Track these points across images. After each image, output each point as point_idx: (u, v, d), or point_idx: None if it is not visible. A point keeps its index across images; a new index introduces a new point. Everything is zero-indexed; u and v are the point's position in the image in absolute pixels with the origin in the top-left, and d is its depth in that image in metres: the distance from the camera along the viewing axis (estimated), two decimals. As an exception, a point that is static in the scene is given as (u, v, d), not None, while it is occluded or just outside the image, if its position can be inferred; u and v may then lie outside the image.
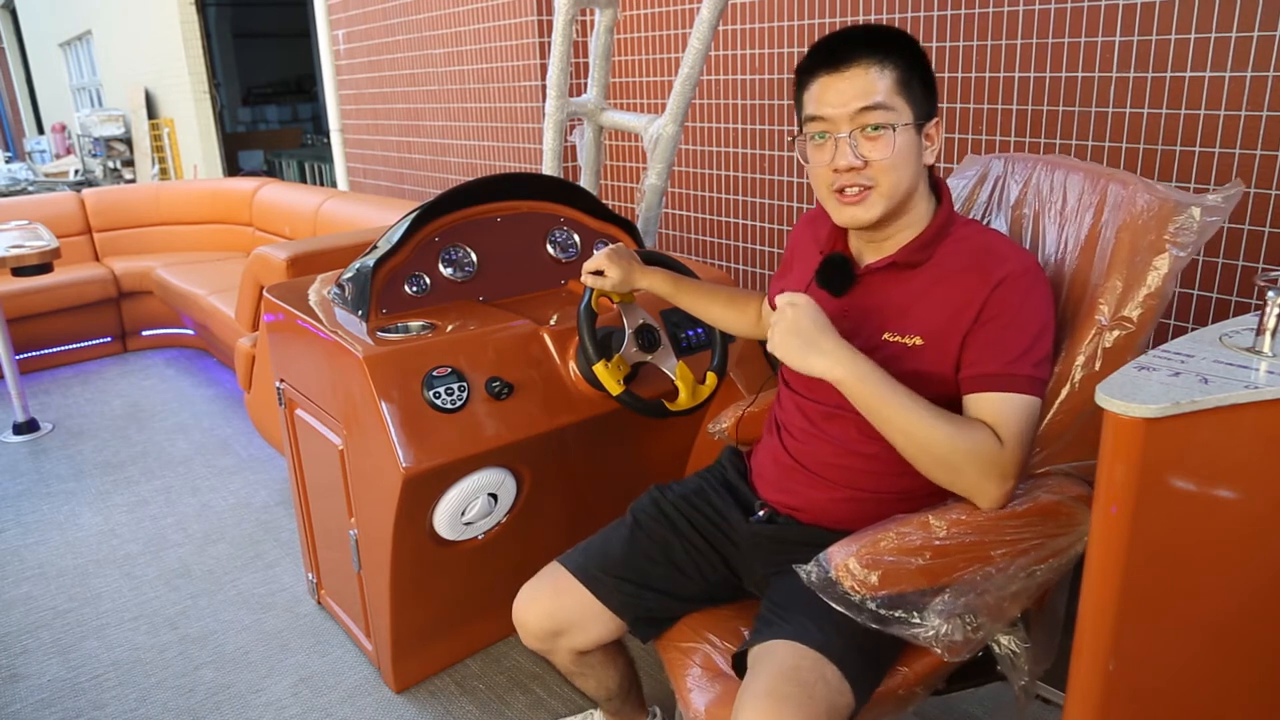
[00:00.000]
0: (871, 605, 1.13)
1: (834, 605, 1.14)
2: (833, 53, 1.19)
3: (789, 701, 1.10)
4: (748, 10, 2.79)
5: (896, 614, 1.14)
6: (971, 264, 1.21)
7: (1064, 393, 1.22)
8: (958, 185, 1.52)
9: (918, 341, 1.22)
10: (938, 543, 1.13)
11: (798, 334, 1.14)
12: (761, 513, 1.41)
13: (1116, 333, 1.19)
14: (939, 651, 1.15)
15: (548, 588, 1.44)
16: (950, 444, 1.11)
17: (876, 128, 1.17)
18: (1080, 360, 1.22)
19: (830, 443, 1.32)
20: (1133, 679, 1.02)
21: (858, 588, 1.12)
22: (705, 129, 3.07)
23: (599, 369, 1.67)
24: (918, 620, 1.14)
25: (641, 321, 1.77)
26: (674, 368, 1.79)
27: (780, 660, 1.17)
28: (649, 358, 1.77)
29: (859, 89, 1.17)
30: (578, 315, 1.68)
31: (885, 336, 1.25)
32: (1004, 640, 1.24)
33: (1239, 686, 1.07)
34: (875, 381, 1.13)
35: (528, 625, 1.45)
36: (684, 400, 1.79)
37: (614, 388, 1.69)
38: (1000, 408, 1.15)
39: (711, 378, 1.82)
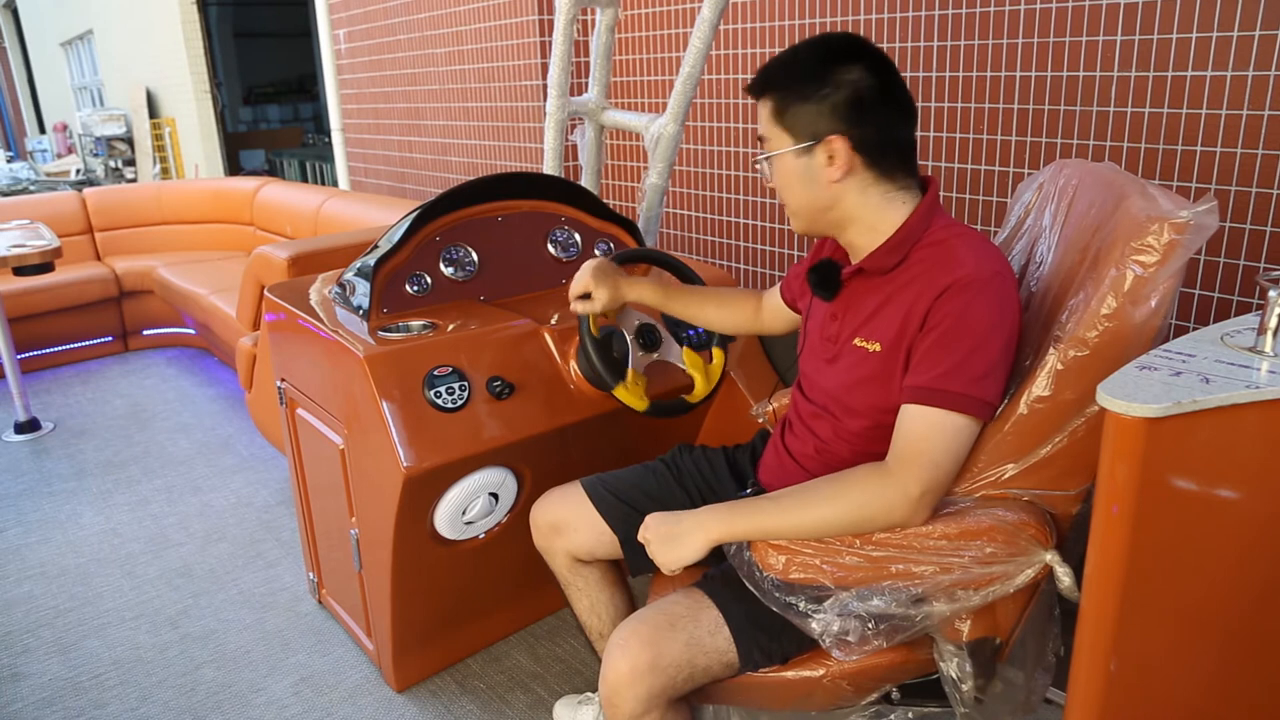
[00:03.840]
0: (769, 586, 1.18)
1: (743, 579, 1.21)
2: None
3: (648, 625, 1.24)
4: (748, 10, 2.79)
5: (790, 599, 1.18)
6: (927, 270, 1.19)
7: (1014, 415, 1.16)
8: (1024, 192, 1.49)
9: (876, 348, 1.23)
10: (854, 545, 1.16)
11: (664, 541, 1.24)
12: (749, 490, 1.49)
13: (1071, 353, 1.11)
14: (826, 645, 1.17)
15: (560, 493, 1.61)
16: (843, 518, 1.16)
17: (767, 157, 1.27)
18: (1033, 382, 1.14)
19: (814, 438, 1.37)
20: (1133, 679, 1.02)
21: (763, 567, 1.18)
22: (706, 128, 3.07)
23: (620, 393, 1.67)
24: (806, 610, 1.17)
25: (639, 323, 1.78)
26: (680, 356, 1.79)
27: (669, 597, 1.31)
28: (655, 356, 1.78)
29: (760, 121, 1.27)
30: (581, 342, 1.68)
31: (855, 341, 1.27)
32: (945, 665, 1.23)
33: (1241, 686, 1.07)
34: (746, 515, 1.21)
35: (536, 521, 1.61)
36: (701, 387, 1.79)
37: (639, 404, 1.69)
38: (916, 421, 1.15)
39: (718, 353, 1.83)
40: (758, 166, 1.29)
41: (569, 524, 1.56)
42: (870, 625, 1.15)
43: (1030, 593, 1.21)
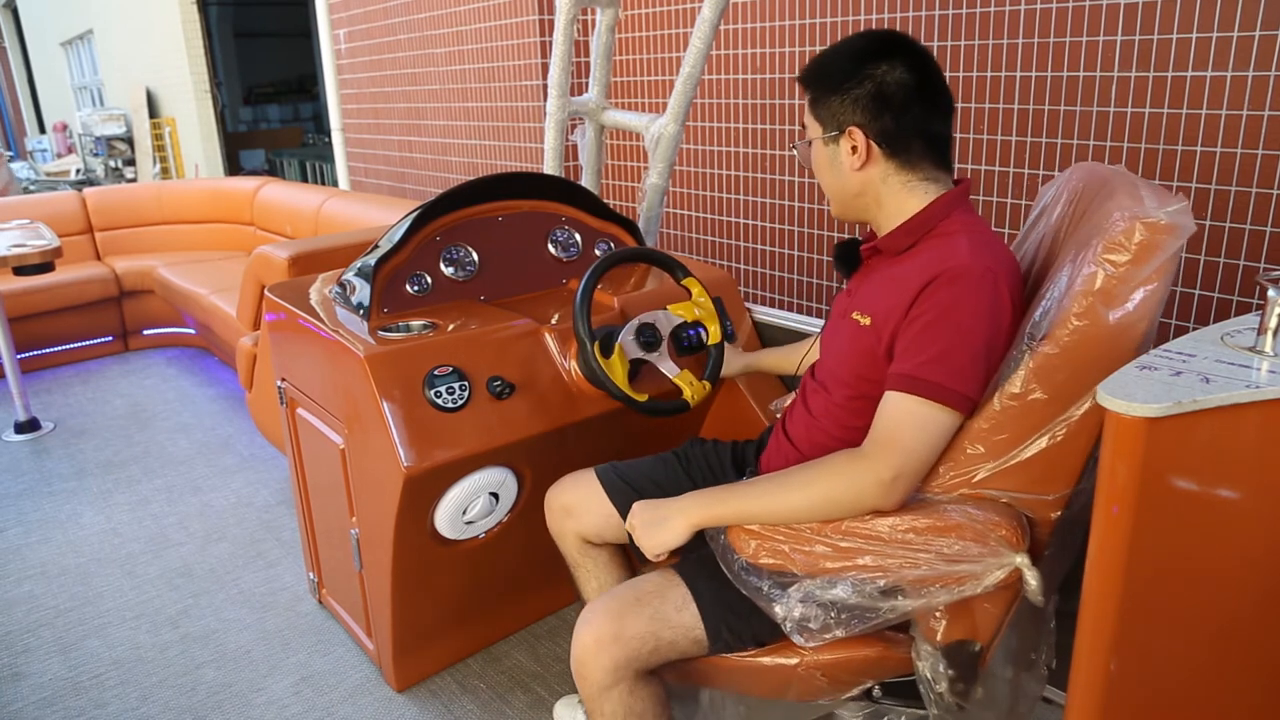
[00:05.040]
0: (739, 569, 1.20)
1: (719, 561, 1.24)
2: None
3: (615, 600, 1.31)
4: (749, 9, 2.79)
5: (755, 581, 1.19)
6: (928, 258, 1.22)
7: (987, 410, 1.15)
8: (1044, 195, 1.48)
9: (867, 322, 1.27)
10: (824, 534, 1.17)
11: (647, 527, 1.29)
12: (745, 478, 1.52)
13: (1043, 351, 1.10)
14: (788, 630, 1.18)
15: (574, 478, 1.67)
16: (817, 500, 1.19)
17: (799, 145, 1.37)
18: (1005, 378, 1.14)
19: (807, 415, 1.41)
20: (1134, 679, 1.02)
21: (735, 550, 1.20)
22: (707, 128, 3.07)
23: (615, 374, 1.70)
24: (767, 593, 1.18)
25: (640, 321, 1.77)
26: (673, 369, 1.78)
27: (643, 576, 1.37)
28: (646, 356, 1.77)
29: None
30: (580, 342, 1.69)
31: (853, 315, 1.31)
32: (920, 664, 1.22)
33: (1241, 686, 1.07)
34: (725, 500, 1.26)
35: (550, 505, 1.67)
36: (696, 390, 1.78)
37: (625, 384, 1.70)
38: (894, 407, 1.17)
39: (707, 385, 1.81)
40: (795, 152, 1.34)
41: (579, 506, 1.62)
42: (833, 614, 1.16)
43: (1010, 598, 1.20)
